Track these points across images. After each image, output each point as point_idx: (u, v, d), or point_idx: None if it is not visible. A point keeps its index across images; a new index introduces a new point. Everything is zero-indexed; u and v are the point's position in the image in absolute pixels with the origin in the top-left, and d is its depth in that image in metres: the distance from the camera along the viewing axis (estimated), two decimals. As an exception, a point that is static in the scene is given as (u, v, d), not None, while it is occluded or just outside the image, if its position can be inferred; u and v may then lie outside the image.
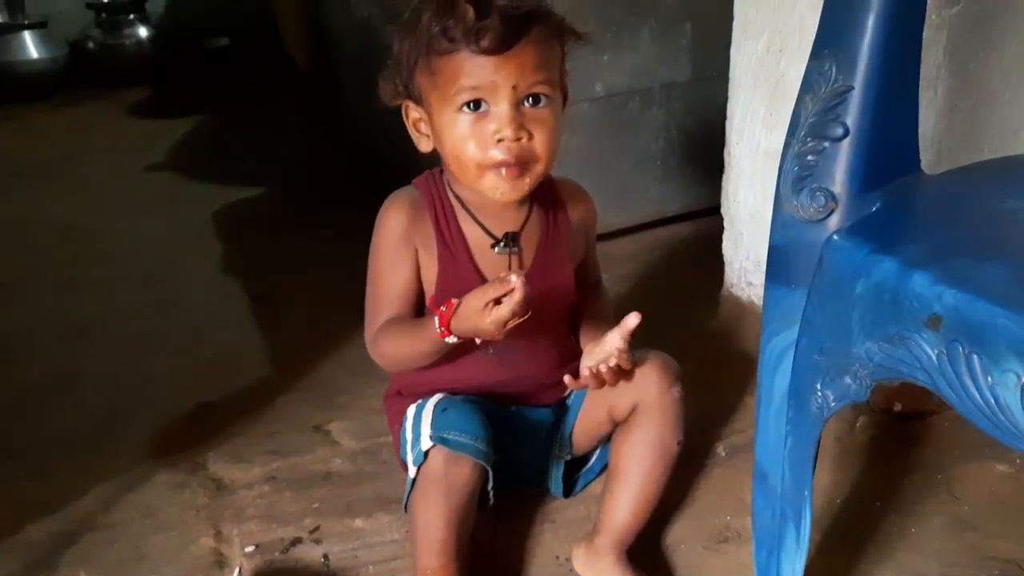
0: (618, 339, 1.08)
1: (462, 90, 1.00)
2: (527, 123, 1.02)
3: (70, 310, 1.86)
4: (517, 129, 1.01)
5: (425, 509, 1.05)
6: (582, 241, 1.22)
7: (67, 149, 2.81)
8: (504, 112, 1.01)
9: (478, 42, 0.98)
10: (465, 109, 1.02)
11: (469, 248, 1.12)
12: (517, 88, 1.00)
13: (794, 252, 0.87)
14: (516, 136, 1.01)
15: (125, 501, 1.27)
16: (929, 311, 0.70)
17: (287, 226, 2.22)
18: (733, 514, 1.27)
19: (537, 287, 1.14)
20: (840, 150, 0.82)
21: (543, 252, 1.16)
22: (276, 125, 2.99)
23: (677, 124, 1.91)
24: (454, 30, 0.98)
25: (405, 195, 1.14)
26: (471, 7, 0.98)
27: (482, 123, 1.02)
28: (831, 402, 0.83)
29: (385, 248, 1.12)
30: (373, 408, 1.41)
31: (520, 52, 0.99)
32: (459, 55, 0.99)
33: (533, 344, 1.17)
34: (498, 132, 1.01)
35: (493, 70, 0.99)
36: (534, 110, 1.02)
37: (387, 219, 1.13)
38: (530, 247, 1.15)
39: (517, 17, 0.98)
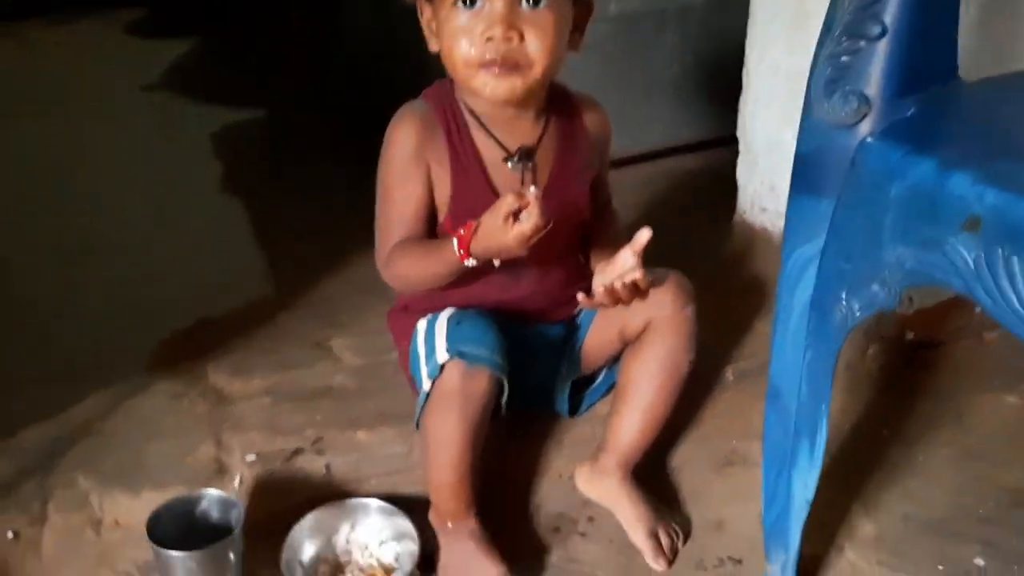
0: (631, 256, 1.05)
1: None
2: (521, 23, 0.98)
3: (66, 228, 1.82)
4: (507, 29, 0.97)
5: (440, 424, 1.03)
6: (597, 157, 1.18)
7: (62, 66, 2.75)
8: (496, 10, 0.97)
9: None
10: (460, 4, 0.98)
11: (483, 162, 1.09)
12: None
13: (822, 159, 0.83)
14: (505, 36, 0.97)
15: (124, 409, 1.25)
16: (968, 212, 0.67)
17: (288, 147, 2.18)
18: (739, 438, 1.26)
19: (553, 202, 1.11)
20: (876, 50, 0.78)
21: (559, 167, 1.12)
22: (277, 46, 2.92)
23: (692, 49, 1.85)
24: None
25: (415, 110, 1.10)
26: None
27: (476, 19, 0.98)
28: (856, 311, 0.80)
29: (395, 166, 1.08)
30: (376, 327, 1.38)
31: None
32: None
33: (545, 261, 1.14)
34: (487, 31, 0.97)
35: None
36: (532, 11, 0.98)
37: (396, 136, 1.09)
38: (545, 162, 1.11)
39: None
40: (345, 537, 1.10)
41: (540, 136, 1.10)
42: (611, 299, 1.06)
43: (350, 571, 1.07)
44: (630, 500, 1.13)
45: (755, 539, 1.08)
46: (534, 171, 1.10)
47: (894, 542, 1.11)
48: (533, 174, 1.10)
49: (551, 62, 1.01)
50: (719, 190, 1.65)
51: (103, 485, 1.12)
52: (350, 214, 1.40)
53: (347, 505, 1.12)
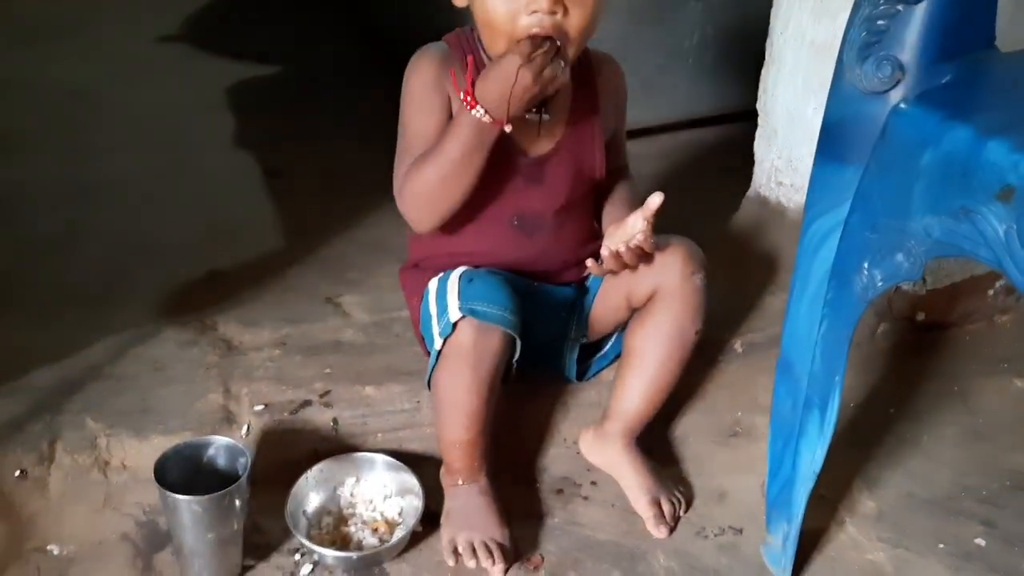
0: (640, 220, 1.04)
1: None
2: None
3: (76, 171, 1.81)
4: (553, 2, 0.95)
5: (453, 381, 1.03)
6: (611, 114, 1.17)
7: (77, 13, 2.71)
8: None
9: None
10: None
11: None
12: None
13: (851, 126, 0.82)
14: (551, 9, 0.96)
15: (133, 354, 1.25)
16: (1002, 182, 0.66)
17: (302, 103, 2.16)
18: (745, 410, 1.26)
19: (565, 160, 1.10)
20: (914, 15, 0.77)
21: (573, 122, 1.11)
22: (293, 2, 2.89)
23: (714, 20, 1.83)
24: None
25: (435, 48, 1.09)
26: None
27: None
28: (878, 281, 0.80)
29: (416, 95, 1.07)
30: (385, 285, 1.38)
31: None
32: None
33: (560, 221, 1.14)
34: (533, 2, 0.96)
35: None
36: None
37: (418, 67, 1.08)
38: (561, 115, 1.11)
39: None
40: (350, 490, 1.10)
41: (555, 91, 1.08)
42: (618, 264, 1.06)
43: (354, 524, 1.08)
44: (633, 467, 1.13)
45: (756, 510, 1.08)
46: (548, 123, 1.09)
47: (895, 519, 1.11)
48: (548, 125, 1.09)
49: (585, 39, 1.01)
50: (736, 164, 1.64)
51: (111, 428, 1.12)
52: (363, 171, 1.39)
53: (353, 459, 1.12)
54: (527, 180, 1.11)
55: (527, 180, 1.11)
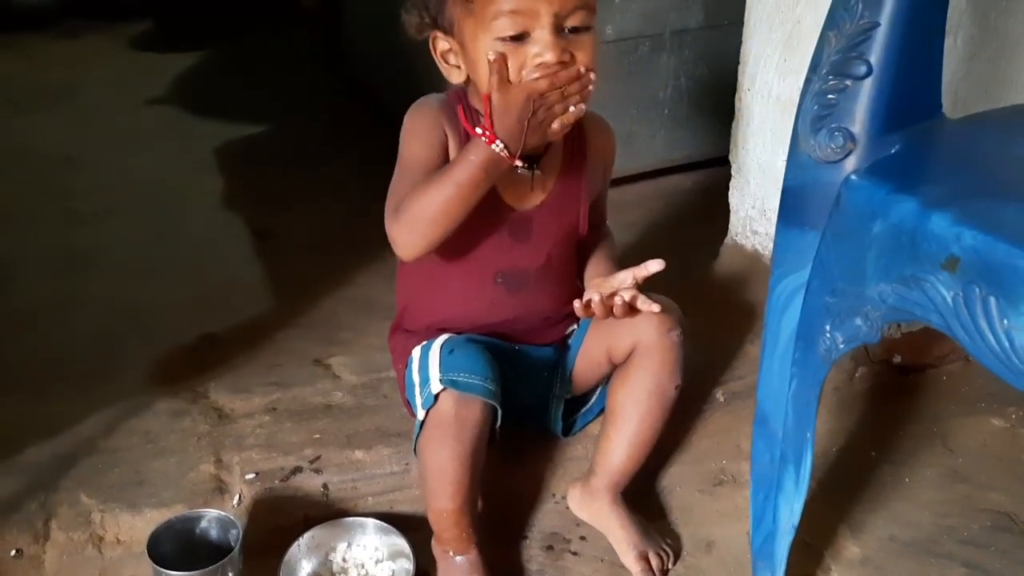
0: (630, 278, 1.07)
1: (500, 15, 0.96)
2: (570, 47, 0.98)
3: (68, 239, 1.84)
4: (560, 53, 0.97)
5: (437, 452, 1.04)
6: (600, 175, 1.20)
7: (68, 80, 2.76)
8: (546, 37, 0.97)
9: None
10: (505, 40, 0.97)
11: None
12: (559, 15, 0.96)
13: (809, 193, 0.86)
14: (559, 59, 0.97)
15: (126, 426, 1.27)
16: (947, 252, 0.69)
17: (290, 163, 2.20)
18: (729, 459, 1.28)
19: (551, 216, 1.13)
20: (862, 89, 0.81)
21: (562, 180, 1.14)
22: (280, 63, 2.94)
23: (687, 72, 1.88)
24: None
25: (435, 96, 1.11)
26: None
27: (522, 48, 0.98)
28: (840, 344, 0.82)
29: (418, 130, 1.09)
30: (374, 345, 1.41)
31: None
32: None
33: (542, 278, 1.17)
34: (539, 55, 0.97)
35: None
36: (576, 36, 0.98)
37: (417, 111, 1.10)
38: (550, 171, 1.13)
39: None
40: (342, 555, 1.12)
41: (547, 145, 1.11)
42: (603, 310, 1.07)
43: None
44: (620, 523, 1.15)
45: (744, 559, 1.10)
46: (538, 178, 1.12)
47: (879, 563, 1.13)
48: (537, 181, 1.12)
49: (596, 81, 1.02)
50: (713, 210, 1.67)
51: (105, 503, 1.14)
52: (352, 229, 1.42)
53: (344, 523, 1.14)
54: (513, 236, 1.13)
55: (513, 236, 1.13)
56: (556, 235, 1.15)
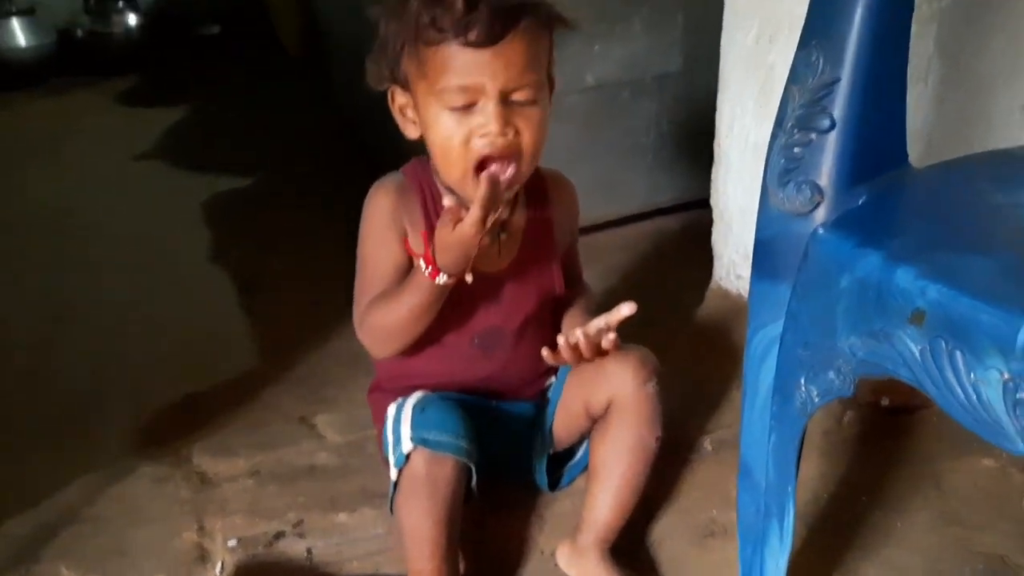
0: (603, 322, 1.07)
1: (449, 89, 0.98)
2: (514, 119, 1.00)
3: (52, 294, 1.84)
4: (504, 125, 0.99)
5: (412, 511, 1.04)
6: (567, 232, 1.22)
7: (54, 135, 2.79)
8: (490, 108, 0.98)
9: (466, 34, 0.96)
10: (456, 109, 0.99)
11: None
12: (504, 90, 0.98)
13: (779, 245, 0.86)
14: (502, 132, 0.99)
15: (108, 493, 1.26)
16: (912, 306, 0.69)
17: (277, 215, 2.20)
18: (719, 509, 1.27)
19: (523, 277, 1.14)
20: (827, 142, 0.81)
21: (528, 241, 1.15)
22: (268, 111, 2.96)
23: (668, 116, 1.89)
24: (442, 20, 0.96)
25: (391, 181, 1.13)
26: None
27: (469, 118, 1.00)
28: (815, 397, 0.82)
29: (373, 230, 1.11)
30: (360, 401, 1.39)
31: (508, 47, 0.97)
32: (447, 47, 0.97)
33: (519, 338, 1.17)
34: (483, 126, 0.99)
35: (481, 67, 0.97)
36: (522, 108, 1.00)
37: (374, 202, 1.12)
38: (516, 236, 1.14)
39: (506, 9, 0.96)
40: (327, 620, 1.11)
41: (511, 208, 1.13)
42: (571, 353, 1.07)
43: (332, 655, 1.07)
44: None
45: (736, 611, 1.09)
46: (505, 241, 1.13)
47: (874, 612, 1.12)
48: (504, 244, 1.13)
49: (537, 155, 1.04)
50: (698, 252, 1.67)
51: (86, 574, 1.12)
52: (339, 281, 1.41)
53: (328, 587, 1.12)
54: (486, 299, 1.14)
55: (486, 299, 1.14)
56: (529, 295, 1.15)
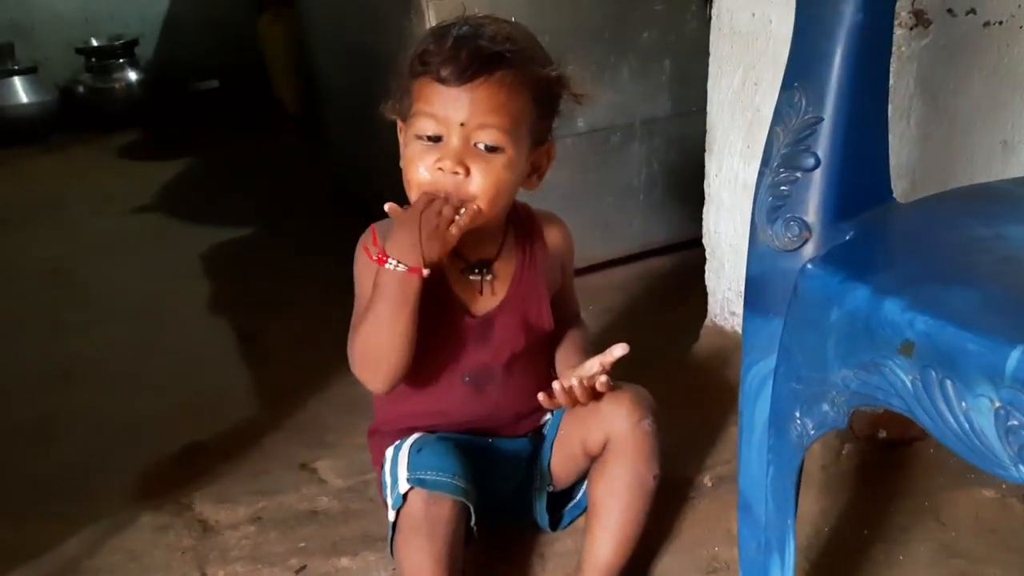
0: (597, 365, 1.08)
1: (420, 114, 1.03)
2: (470, 160, 1.03)
3: (54, 351, 1.85)
4: (455, 163, 1.02)
5: (411, 552, 1.04)
6: (559, 271, 1.23)
7: (55, 192, 2.82)
8: (451, 144, 1.02)
9: (441, 71, 1.01)
10: (424, 138, 1.04)
11: (444, 270, 1.12)
12: (466, 125, 1.02)
13: (770, 281, 0.87)
14: (452, 169, 1.02)
15: (110, 544, 1.26)
16: (902, 338, 0.70)
17: (275, 266, 2.23)
18: (721, 545, 1.27)
19: (513, 316, 1.15)
20: (812, 180, 0.83)
21: (518, 282, 1.16)
22: (265, 166, 3.01)
23: (658, 158, 1.93)
24: (429, 56, 1.02)
25: (383, 224, 1.14)
26: (453, 40, 1.01)
27: (433, 151, 1.03)
28: (810, 430, 0.83)
29: (360, 268, 1.13)
30: (360, 445, 1.40)
31: (478, 89, 1.01)
32: (424, 79, 1.03)
33: (509, 374, 1.17)
34: (439, 160, 1.03)
35: (447, 101, 1.02)
36: (483, 152, 1.03)
37: (361, 243, 1.14)
38: (506, 276, 1.16)
39: (485, 56, 1.01)
40: (330, 667, 1.10)
41: (499, 250, 1.15)
42: (567, 397, 1.09)
43: None
44: None
45: (742, 650, 1.08)
46: (494, 283, 1.15)
47: (879, 646, 1.11)
48: (493, 286, 1.15)
49: (494, 200, 1.05)
50: (692, 291, 1.69)
51: (88, 626, 1.12)
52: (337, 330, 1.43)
53: (332, 634, 1.12)
54: (475, 338, 1.15)
55: (475, 338, 1.15)
56: (518, 334, 1.16)
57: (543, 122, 1.09)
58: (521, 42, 1.05)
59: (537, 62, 1.06)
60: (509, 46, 1.02)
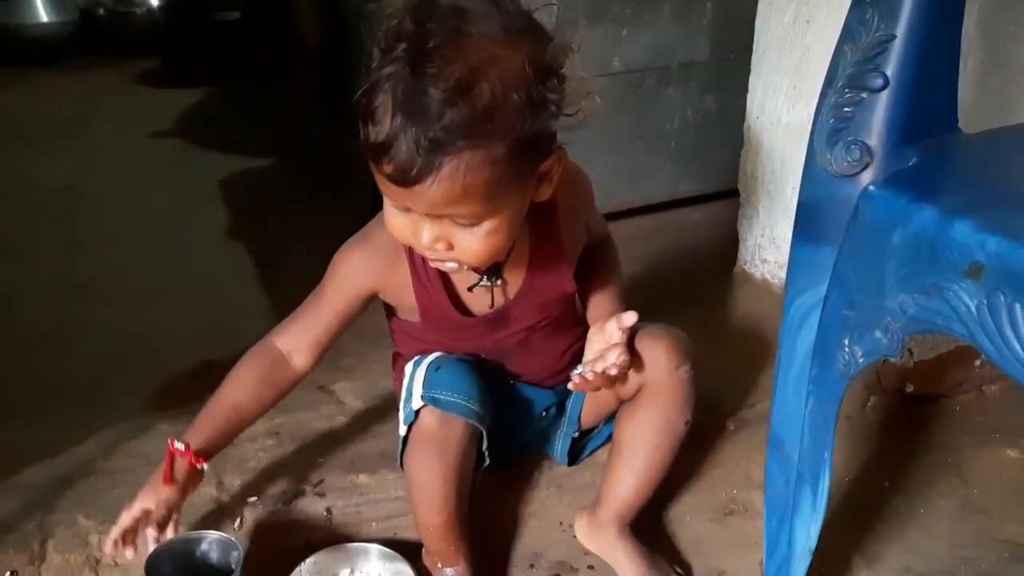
0: (616, 332, 1.04)
1: (383, 192, 0.90)
2: (448, 234, 0.90)
3: (72, 268, 1.85)
4: (433, 241, 0.90)
5: (421, 467, 1.03)
6: (582, 227, 1.15)
7: (74, 113, 2.80)
8: (422, 225, 0.89)
9: (382, 166, 0.85)
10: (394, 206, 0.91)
11: (448, 284, 1.06)
12: (431, 214, 0.88)
13: (825, 208, 0.85)
14: (431, 247, 0.91)
15: (126, 448, 1.25)
16: (970, 259, 0.68)
17: (293, 196, 2.21)
18: (739, 488, 1.26)
19: (529, 301, 1.10)
20: (878, 102, 0.80)
21: (532, 271, 1.08)
22: (285, 99, 2.98)
23: (693, 105, 1.90)
24: (368, 137, 0.85)
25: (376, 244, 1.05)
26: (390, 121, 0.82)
27: (406, 219, 0.91)
28: (859, 358, 0.81)
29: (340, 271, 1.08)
30: (377, 371, 1.39)
31: (428, 189, 0.83)
32: (374, 164, 0.87)
33: (527, 346, 1.13)
34: (414, 235, 0.91)
35: (402, 195, 0.87)
36: (459, 229, 0.89)
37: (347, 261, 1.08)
38: (518, 272, 1.07)
39: (430, 144, 0.81)
40: (345, 581, 1.09)
41: (509, 251, 1.04)
42: (591, 387, 1.04)
43: (349, 615, 1.06)
44: (627, 555, 1.12)
45: (756, 589, 1.08)
46: (504, 287, 1.08)
47: (895, 595, 1.11)
48: (504, 289, 1.08)
49: (489, 259, 0.95)
50: (720, 242, 1.67)
51: (103, 525, 1.11)
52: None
53: (347, 549, 1.11)
54: (491, 328, 1.11)
55: (491, 328, 1.11)
56: (535, 315, 1.11)
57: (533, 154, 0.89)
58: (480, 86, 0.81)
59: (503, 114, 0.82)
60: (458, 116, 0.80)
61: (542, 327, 1.13)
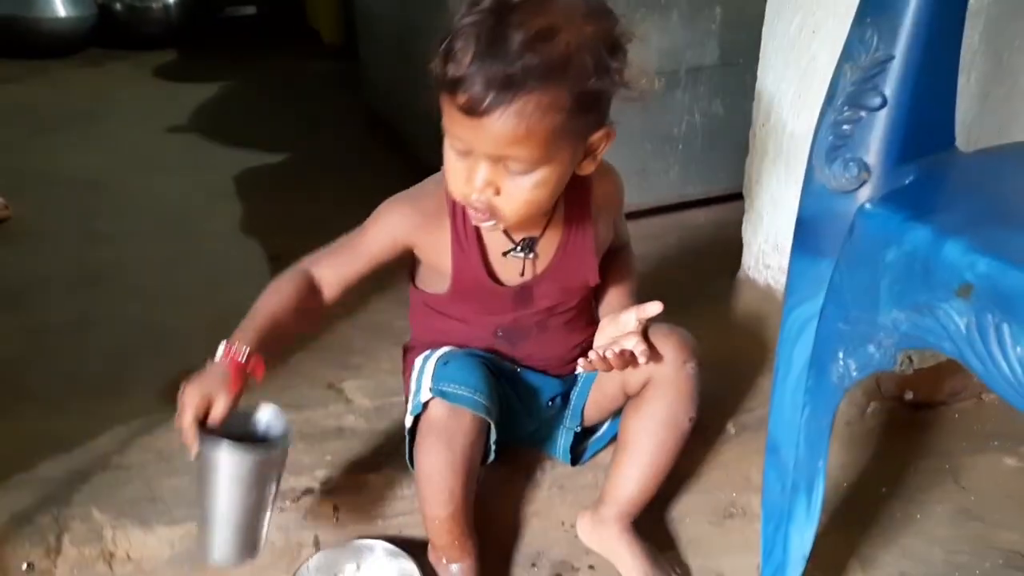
0: (633, 320, 1.07)
1: (447, 127, 0.96)
2: (499, 180, 0.95)
3: (87, 259, 1.87)
4: (484, 187, 0.95)
5: (429, 456, 1.05)
6: (611, 224, 1.18)
7: (91, 105, 2.82)
8: (479, 165, 0.95)
9: (456, 95, 0.90)
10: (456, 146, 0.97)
11: (484, 250, 1.10)
12: (491, 155, 0.93)
13: (823, 222, 0.87)
14: (480, 191, 0.96)
15: (140, 443, 1.28)
16: (960, 279, 0.70)
17: (307, 191, 2.23)
18: (739, 490, 1.28)
19: (557, 278, 1.13)
20: (877, 120, 0.82)
21: (563, 253, 1.12)
22: (300, 93, 2.99)
23: (701, 108, 1.91)
24: (445, 71, 0.91)
25: (422, 203, 1.10)
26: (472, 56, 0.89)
27: (464, 163, 0.96)
28: (853, 371, 0.83)
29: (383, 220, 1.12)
30: (387, 369, 1.42)
31: (496, 123, 0.89)
32: (445, 96, 0.93)
33: (544, 330, 1.16)
34: (467, 180, 0.96)
35: (467, 130, 0.92)
36: (511, 176, 0.95)
37: (390, 212, 1.11)
38: (550, 249, 1.11)
39: (502, 79, 0.87)
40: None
41: (545, 226, 1.09)
42: (604, 364, 1.06)
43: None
44: (630, 552, 1.15)
45: (753, 591, 1.10)
46: (535, 260, 1.11)
47: (891, 599, 1.13)
48: (534, 262, 1.11)
49: (523, 217, 1.00)
50: (726, 245, 1.68)
51: (117, 519, 1.14)
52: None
53: (353, 546, 1.14)
54: (515, 302, 1.13)
55: (515, 302, 1.13)
56: (560, 295, 1.14)
57: (591, 115, 0.96)
58: (558, 38, 0.89)
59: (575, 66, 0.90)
60: (535, 60, 0.87)
61: (561, 312, 1.16)
